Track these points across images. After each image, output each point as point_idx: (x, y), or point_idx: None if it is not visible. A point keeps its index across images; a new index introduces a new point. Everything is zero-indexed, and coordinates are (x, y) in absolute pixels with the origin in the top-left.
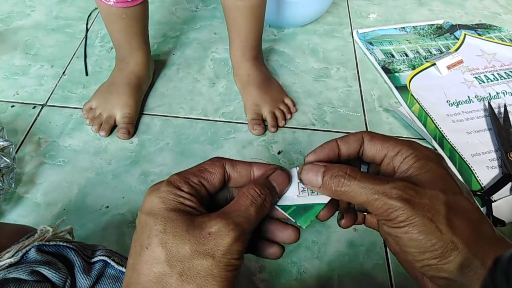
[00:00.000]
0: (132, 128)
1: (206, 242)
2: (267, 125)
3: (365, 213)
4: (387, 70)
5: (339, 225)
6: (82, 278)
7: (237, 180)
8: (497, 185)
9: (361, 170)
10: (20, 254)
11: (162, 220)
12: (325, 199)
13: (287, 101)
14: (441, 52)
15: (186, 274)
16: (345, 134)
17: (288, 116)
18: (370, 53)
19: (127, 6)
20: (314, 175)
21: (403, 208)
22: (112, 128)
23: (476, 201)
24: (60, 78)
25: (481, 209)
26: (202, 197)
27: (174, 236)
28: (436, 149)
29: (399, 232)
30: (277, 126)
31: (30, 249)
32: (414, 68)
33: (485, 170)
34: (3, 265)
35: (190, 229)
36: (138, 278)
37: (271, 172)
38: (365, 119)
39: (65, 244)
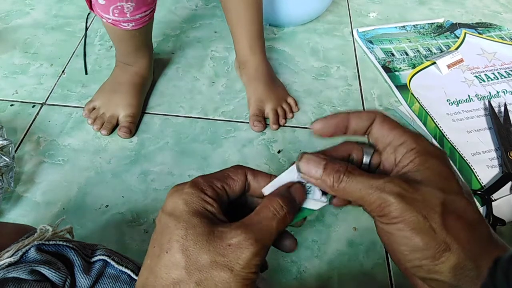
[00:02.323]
0: (134, 128)
1: (226, 254)
2: (268, 124)
3: None
4: (387, 69)
5: (330, 203)
6: (82, 278)
7: (255, 190)
8: (497, 184)
9: (364, 159)
10: (20, 253)
11: (184, 224)
12: (317, 205)
13: (290, 100)
14: (442, 51)
15: (203, 284)
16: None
17: (290, 115)
18: (370, 52)
19: (143, 26)
20: (314, 167)
21: (396, 203)
22: (114, 127)
23: (475, 202)
24: (60, 77)
25: (481, 208)
26: (222, 202)
27: (195, 243)
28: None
29: (391, 228)
30: (278, 124)
31: (29, 249)
32: (414, 67)
33: (485, 169)
34: (3, 264)
35: (210, 238)
36: (155, 281)
37: (290, 185)
38: None
39: (64, 243)
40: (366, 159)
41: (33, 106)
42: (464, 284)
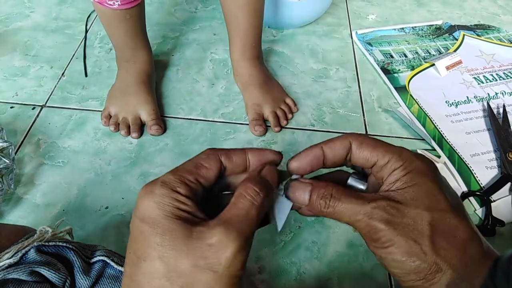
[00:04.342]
0: (162, 123)
1: (207, 255)
2: (269, 126)
3: None
4: (386, 71)
5: (297, 212)
6: (82, 279)
7: (233, 170)
8: (496, 185)
9: (353, 171)
10: (20, 254)
11: (159, 230)
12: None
13: (288, 101)
14: (440, 53)
15: None
16: (344, 134)
17: (290, 115)
18: (369, 54)
19: (131, 6)
20: (301, 194)
21: (385, 229)
22: (141, 128)
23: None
24: (60, 79)
25: (480, 209)
26: (198, 195)
27: (173, 249)
28: (435, 150)
29: (383, 252)
30: (280, 126)
31: (29, 250)
32: (413, 68)
33: (484, 170)
34: (3, 265)
35: (189, 241)
36: None
37: (261, 168)
38: (364, 120)
39: (64, 244)
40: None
41: (33, 108)
42: None
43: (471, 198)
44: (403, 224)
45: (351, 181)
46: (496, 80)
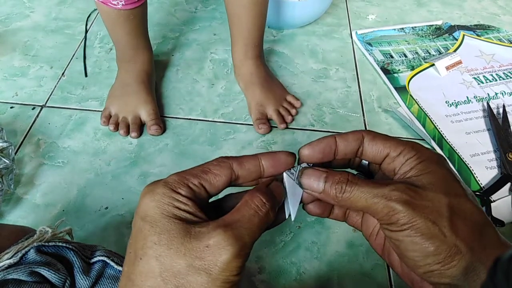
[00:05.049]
0: (161, 123)
1: (203, 256)
2: (274, 127)
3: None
4: (386, 71)
5: (303, 208)
6: (82, 279)
7: (246, 177)
8: (496, 186)
9: (358, 172)
10: (20, 255)
11: (157, 229)
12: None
13: (290, 98)
14: (440, 53)
15: None
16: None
17: (293, 111)
18: (369, 54)
19: (135, 6)
20: (315, 181)
21: (403, 210)
22: (140, 128)
23: (480, 205)
24: (59, 79)
25: None
26: (201, 199)
27: (169, 248)
28: (435, 150)
29: (400, 235)
30: (285, 122)
31: (29, 250)
32: (413, 68)
33: (484, 170)
34: (3, 266)
35: (186, 240)
36: None
37: (270, 182)
38: (364, 120)
39: (64, 244)
40: (363, 165)
41: (33, 108)
42: (476, 287)
43: None
44: (422, 206)
45: None
46: (496, 80)
